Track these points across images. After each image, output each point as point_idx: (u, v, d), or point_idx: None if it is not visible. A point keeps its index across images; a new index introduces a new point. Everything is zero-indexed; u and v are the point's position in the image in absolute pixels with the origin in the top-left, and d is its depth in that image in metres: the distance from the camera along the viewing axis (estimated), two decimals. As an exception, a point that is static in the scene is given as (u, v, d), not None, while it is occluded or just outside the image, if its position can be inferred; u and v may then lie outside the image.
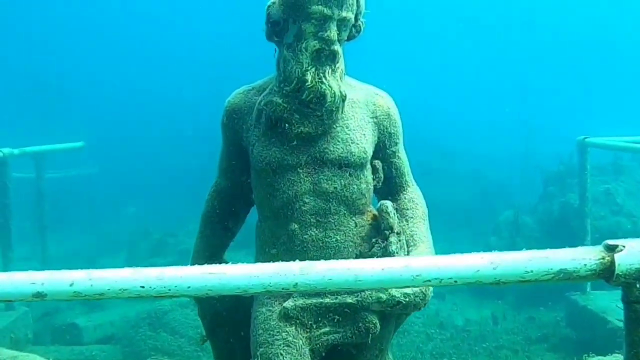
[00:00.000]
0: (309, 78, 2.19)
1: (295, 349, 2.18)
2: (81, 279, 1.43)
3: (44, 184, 7.23)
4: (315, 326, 2.24)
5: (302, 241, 2.29)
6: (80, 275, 1.43)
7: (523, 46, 26.05)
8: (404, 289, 2.14)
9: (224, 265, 1.45)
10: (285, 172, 2.29)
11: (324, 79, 2.20)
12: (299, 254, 2.26)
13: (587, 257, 1.44)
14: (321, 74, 2.20)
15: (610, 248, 1.44)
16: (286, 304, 2.23)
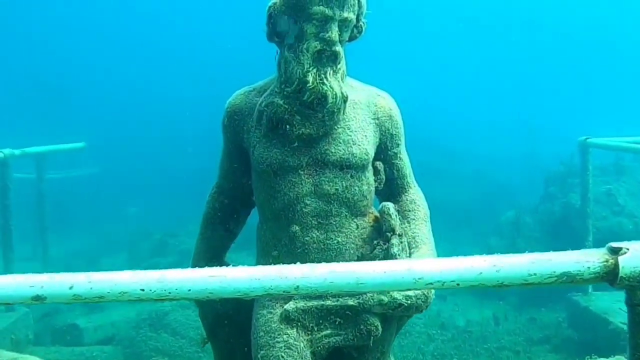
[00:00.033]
0: (310, 79, 2.18)
1: (297, 351, 2.17)
2: (81, 281, 1.42)
3: (45, 184, 7.24)
4: (316, 329, 2.22)
5: (304, 243, 2.28)
6: (80, 278, 1.42)
7: (524, 46, 26.07)
8: (405, 291, 2.13)
9: (224, 268, 1.44)
10: (287, 174, 2.27)
11: (325, 80, 2.18)
12: (300, 256, 2.25)
13: (591, 260, 1.43)
14: (322, 75, 2.19)
15: (614, 251, 1.43)
16: (287, 306, 2.22)
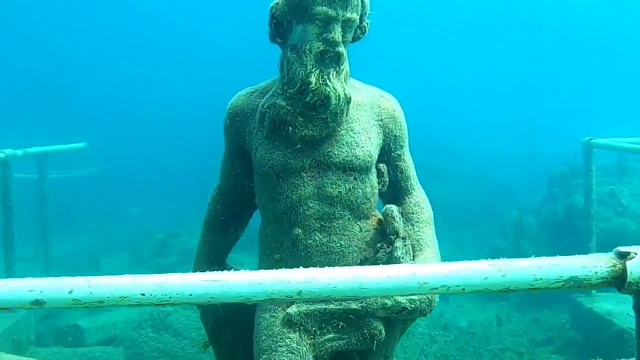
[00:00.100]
0: (313, 80, 2.15)
1: (299, 355, 2.14)
2: (80, 286, 1.40)
3: (46, 184, 7.23)
4: (319, 332, 2.19)
5: (306, 246, 2.25)
6: (80, 283, 1.40)
7: (526, 46, 26.07)
8: (409, 295, 2.10)
9: (226, 273, 1.42)
10: (289, 176, 2.25)
11: (328, 81, 2.16)
12: (303, 259, 2.23)
13: (598, 265, 1.40)
14: (325, 76, 2.16)
15: (622, 255, 1.40)
16: (290, 309, 2.19)
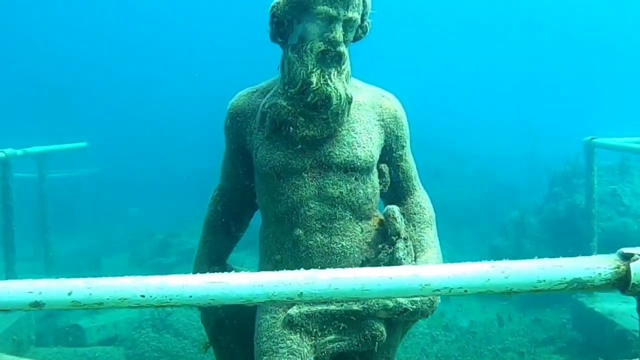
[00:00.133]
0: (314, 80, 2.13)
1: (300, 357, 2.12)
2: (80, 287, 1.39)
3: (46, 184, 7.23)
4: (320, 334, 2.18)
5: (307, 247, 2.23)
6: (79, 284, 1.39)
7: (527, 46, 26.05)
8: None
9: (226, 274, 1.41)
10: (290, 177, 2.23)
11: (329, 81, 2.14)
12: (304, 260, 2.22)
13: (602, 266, 1.39)
14: (327, 76, 2.14)
15: (626, 256, 1.39)
16: (290, 311, 2.17)
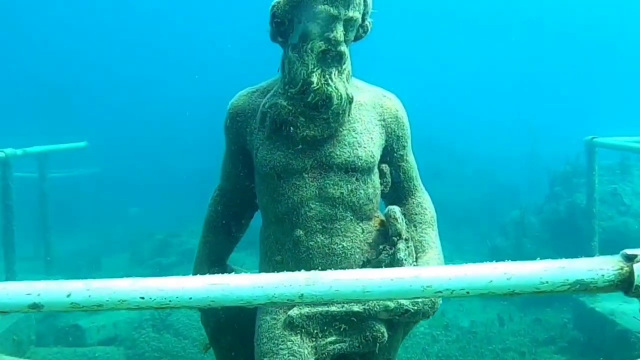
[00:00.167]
0: (315, 80, 2.12)
1: (301, 358, 2.11)
2: (79, 289, 1.38)
3: (47, 183, 7.22)
4: (321, 335, 2.17)
5: (308, 248, 2.22)
6: (78, 286, 1.38)
7: (527, 46, 26.04)
8: (412, 297, 2.08)
9: (226, 276, 1.40)
10: (290, 177, 2.22)
11: (330, 81, 2.13)
12: (305, 261, 2.21)
13: (605, 268, 1.38)
14: (327, 76, 2.13)
15: (629, 258, 1.38)
16: (291, 312, 2.16)
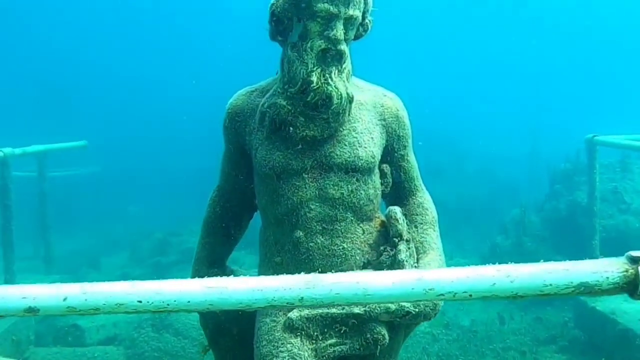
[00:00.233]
0: (315, 79, 2.10)
1: None
2: (75, 293, 1.36)
3: (46, 183, 7.22)
4: (321, 337, 2.14)
5: (308, 249, 2.20)
6: (74, 290, 1.37)
7: (529, 45, 26.04)
8: (414, 300, 2.06)
9: (225, 279, 1.38)
10: (290, 177, 2.20)
11: (330, 80, 2.10)
12: (305, 262, 2.18)
13: (610, 270, 1.36)
14: (327, 75, 2.11)
15: (634, 260, 1.36)
16: (291, 314, 2.14)
